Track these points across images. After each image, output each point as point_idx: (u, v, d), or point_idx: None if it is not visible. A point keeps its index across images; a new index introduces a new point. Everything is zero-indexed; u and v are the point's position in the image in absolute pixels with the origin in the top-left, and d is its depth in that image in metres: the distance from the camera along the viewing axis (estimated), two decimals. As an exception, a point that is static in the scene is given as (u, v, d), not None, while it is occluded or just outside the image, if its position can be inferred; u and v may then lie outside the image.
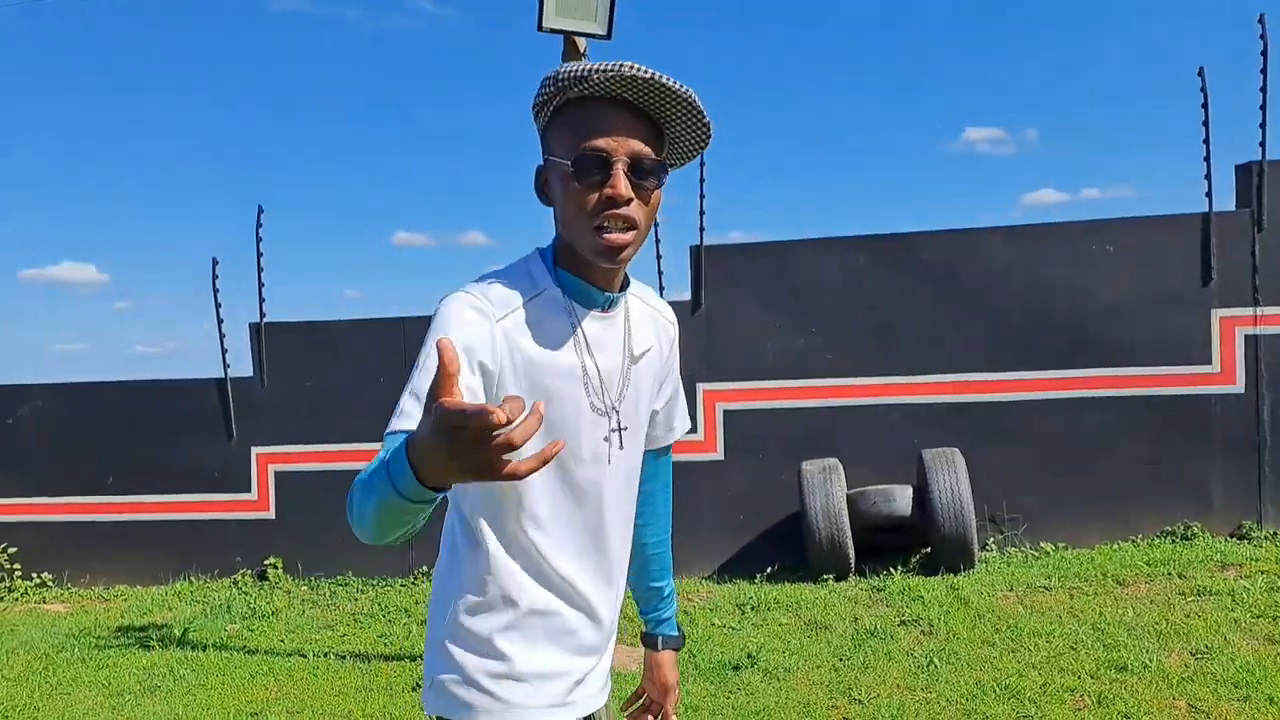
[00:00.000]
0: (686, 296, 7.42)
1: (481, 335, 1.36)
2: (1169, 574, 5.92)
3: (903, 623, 5.50)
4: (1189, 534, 6.69)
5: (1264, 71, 6.74)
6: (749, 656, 5.02)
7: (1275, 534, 6.61)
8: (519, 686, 1.48)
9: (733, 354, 7.31)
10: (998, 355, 6.98)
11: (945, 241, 7.15)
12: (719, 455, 7.31)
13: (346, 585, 7.56)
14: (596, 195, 1.36)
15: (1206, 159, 6.82)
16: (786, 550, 7.11)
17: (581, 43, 5.23)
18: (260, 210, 7.84)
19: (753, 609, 6.08)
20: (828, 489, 6.49)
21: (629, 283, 1.55)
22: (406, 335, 7.67)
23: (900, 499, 6.59)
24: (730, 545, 7.28)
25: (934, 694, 4.39)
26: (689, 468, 7.30)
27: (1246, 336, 6.74)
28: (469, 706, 1.48)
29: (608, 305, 1.50)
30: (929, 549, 6.59)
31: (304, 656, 5.77)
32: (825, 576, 6.55)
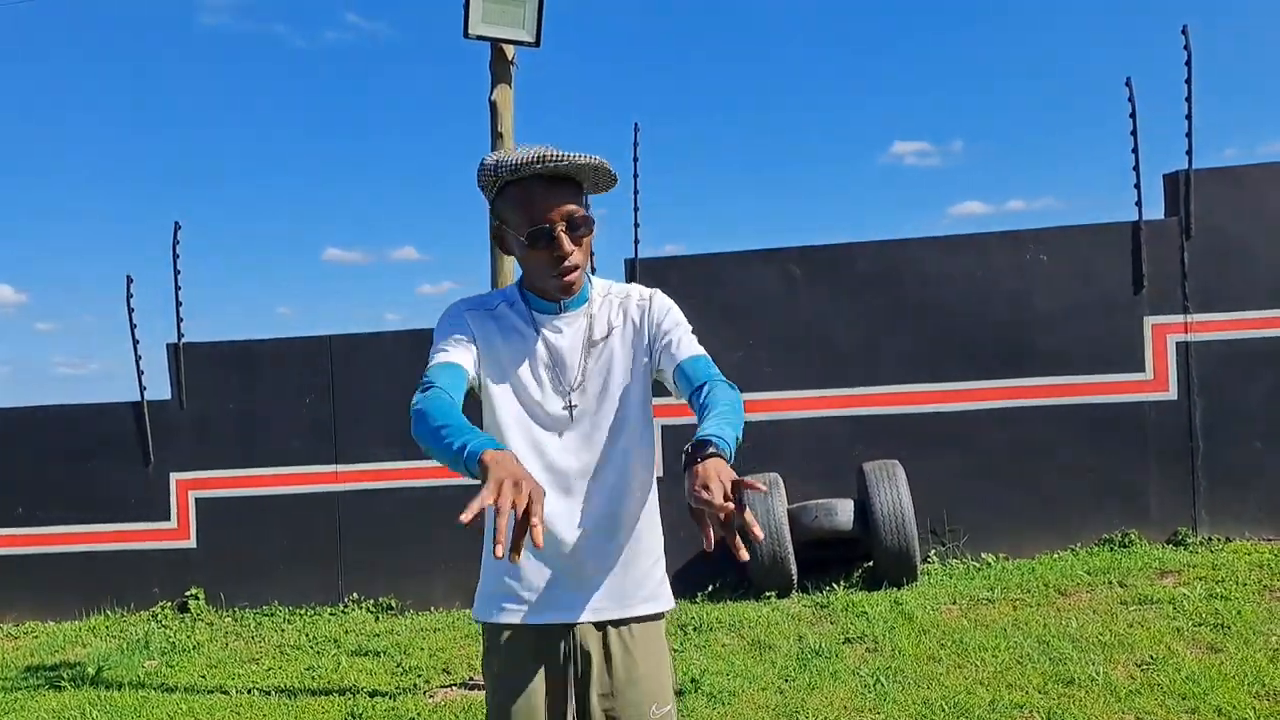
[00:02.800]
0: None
1: (460, 323, 1.94)
2: (1109, 583, 5.91)
3: (847, 640, 5.40)
4: (1127, 541, 6.71)
5: (1188, 82, 6.83)
6: (693, 681, 4.86)
7: (1210, 540, 6.66)
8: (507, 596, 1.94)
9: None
10: (936, 365, 6.96)
11: (882, 252, 7.11)
12: (658, 472, 7.13)
13: (273, 615, 7.24)
14: (548, 255, 1.83)
15: (1136, 168, 6.88)
16: (727, 568, 6.98)
17: (510, 50, 5.08)
18: (177, 226, 7.53)
19: (695, 630, 5.94)
20: (768, 504, 6.38)
21: (585, 292, 1.98)
22: (333, 353, 7.41)
23: (842, 512, 6.51)
24: (671, 564, 7.09)
25: (882, 714, 4.28)
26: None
27: (1178, 344, 6.80)
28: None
29: (561, 310, 1.95)
30: (871, 562, 6.52)
31: (226, 693, 5.48)
32: (767, 594, 6.43)
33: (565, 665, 1.93)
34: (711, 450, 1.61)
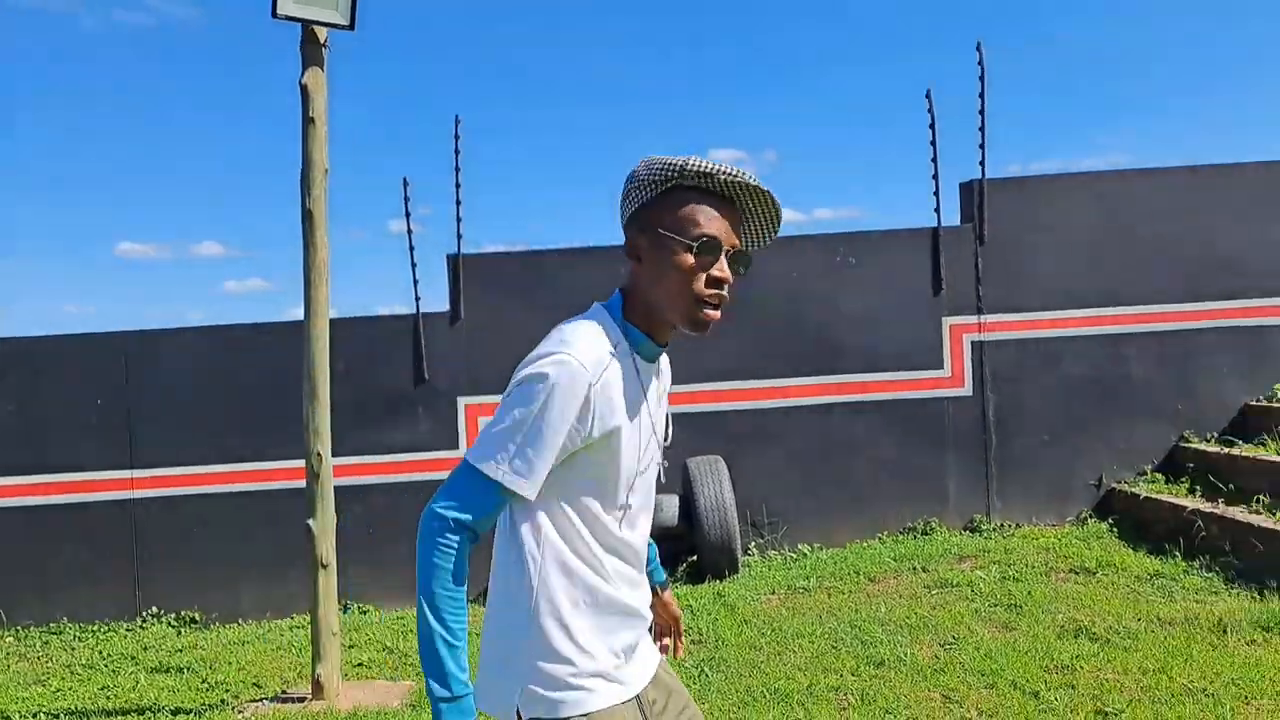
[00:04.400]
0: (444, 308, 7.13)
1: (572, 410, 1.56)
2: (913, 569, 6.25)
3: (672, 633, 5.47)
4: (928, 529, 7.11)
5: (982, 95, 7.31)
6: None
7: (1003, 525, 7.15)
8: (616, 668, 1.70)
9: (495, 367, 7.08)
10: (757, 363, 7.16)
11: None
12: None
13: (61, 634, 6.70)
14: (706, 275, 1.61)
15: (935, 176, 7.30)
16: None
17: (322, 32, 4.88)
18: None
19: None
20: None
21: None
22: (127, 351, 6.93)
23: (668, 508, 6.60)
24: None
25: (706, 704, 4.36)
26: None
27: (972, 343, 7.26)
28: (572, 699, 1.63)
29: (653, 359, 1.73)
30: (696, 556, 6.64)
31: (8, 719, 5.02)
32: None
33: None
34: (666, 582, 2.14)
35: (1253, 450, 6.47)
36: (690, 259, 1.60)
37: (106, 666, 5.89)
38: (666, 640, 2.14)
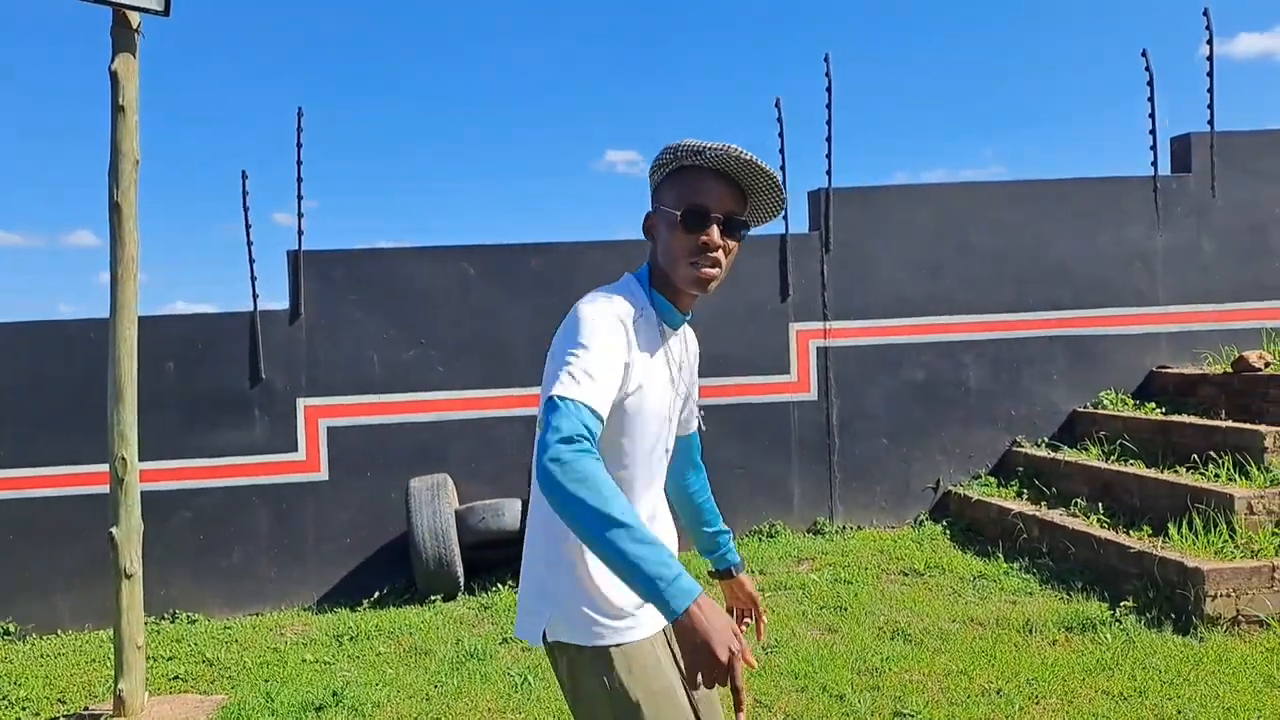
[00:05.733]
0: (284, 305, 6.89)
1: (620, 338, 1.72)
2: (752, 571, 6.31)
3: (505, 640, 5.40)
4: (773, 532, 7.21)
5: (829, 106, 7.45)
6: (334, 694, 4.67)
7: (844, 528, 7.29)
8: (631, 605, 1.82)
9: (336, 367, 6.90)
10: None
11: (555, 254, 7.20)
12: (322, 475, 6.85)
13: None
14: (695, 240, 1.79)
15: (782, 183, 7.39)
16: (395, 573, 6.81)
17: (135, 17, 4.64)
18: None
19: (350, 639, 5.72)
20: (435, 506, 6.28)
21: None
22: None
23: (509, 513, 6.52)
24: (335, 572, 6.85)
25: (524, 714, 4.31)
26: (289, 489, 6.79)
27: (818, 348, 7.40)
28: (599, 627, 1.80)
29: (677, 326, 1.94)
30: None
31: None
32: (433, 598, 6.33)
33: (673, 651, 1.92)
34: (742, 565, 2.36)
35: (1075, 455, 6.75)
36: (679, 227, 1.80)
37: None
38: (748, 620, 2.31)
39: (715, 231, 1.80)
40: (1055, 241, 7.57)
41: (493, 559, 6.67)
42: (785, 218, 7.40)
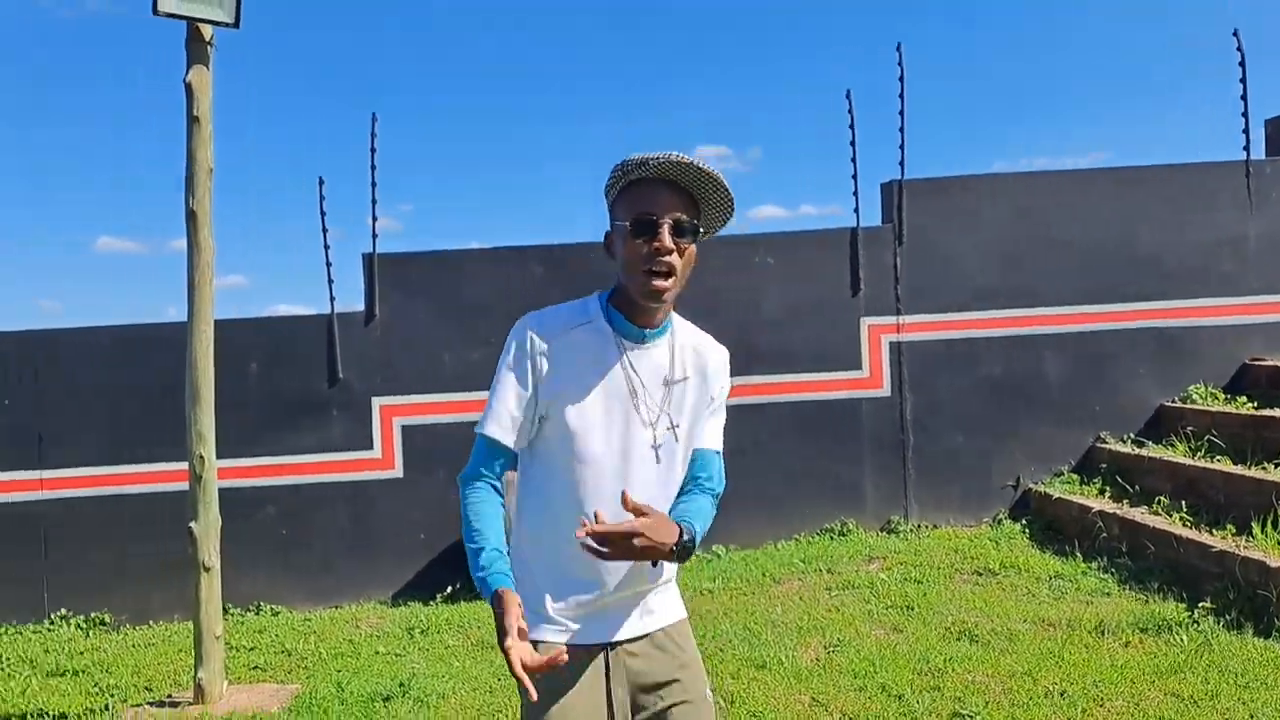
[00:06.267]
0: (359, 307, 7.08)
1: (522, 359, 1.88)
2: (820, 570, 6.24)
3: (568, 636, 5.44)
4: (845, 530, 7.11)
5: (902, 96, 7.31)
6: (401, 685, 4.78)
7: (919, 527, 7.15)
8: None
9: (409, 366, 7.05)
10: (670, 364, 7.13)
11: (620, 252, 7.23)
12: (397, 472, 7.01)
13: (-36, 636, 6.61)
14: (646, 250, 1.80)
15: (854, 177, 7.30)
16: (467, 569, 6.91)
17: (208, 30, 4.81)
18: None
19: (421, 632, 5.85)
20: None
21: (668, 325, 1.96)
22: (35, 351, 6.86)
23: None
24: (410, 566, 7.00)
25: (582, 709, 4.34)
26: (365, 487, 6.97)
27: (891, 343, 7.27)
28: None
29: (643, 340, 1.91)
30: (605, 558, 6.61)
31: (-114, 727, 4.95)
32: (501, 593, 6.41)
33: (608, 678, 1.92)
34: (684, 535, 1.81)
35: (1159, 451, 6.49)
36: (630, 238, 1.81)
37: (2, 670, 5.82)
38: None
39: (666, 235, 1.80)
40: (1141, 230, 7.29)
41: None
42: (856, 210, 7.30)
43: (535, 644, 1.86)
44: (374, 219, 7.10)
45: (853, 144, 7.35)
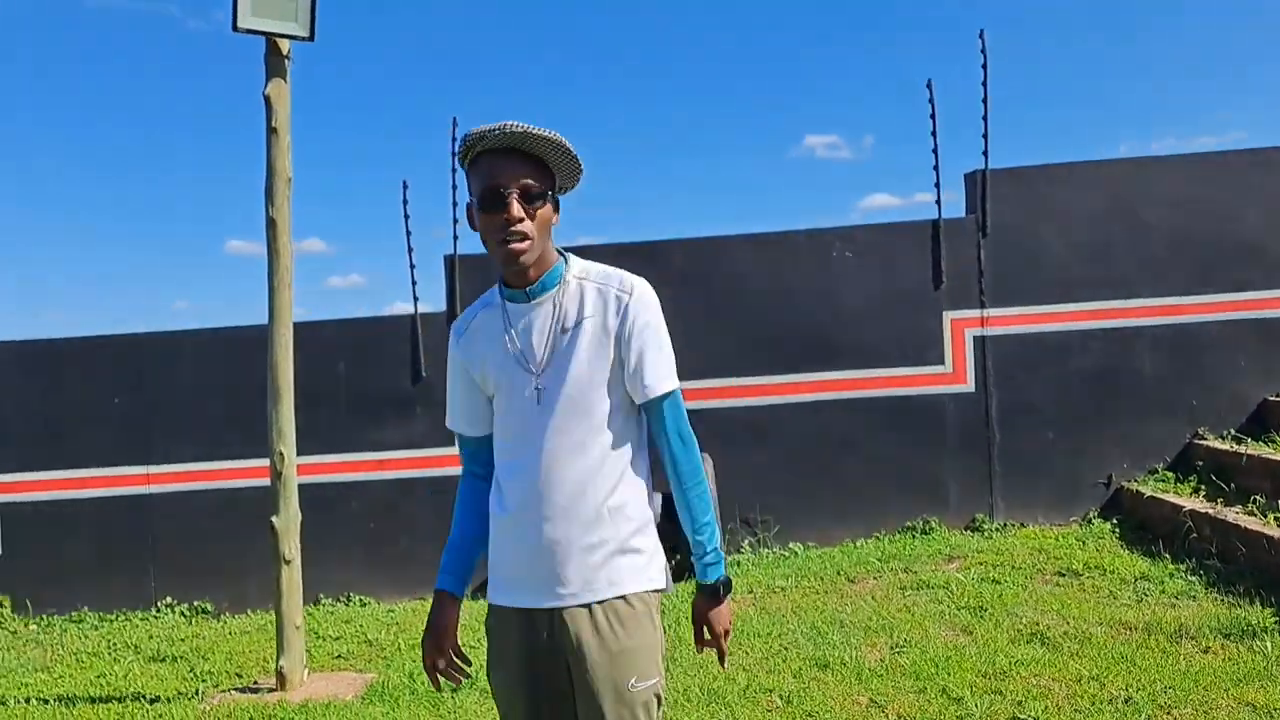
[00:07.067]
0: (442, 308, 7.27)
1: (453, 366, 2.12)
2: (896, 569, 6.14)
3: (638, 631, 5.49)
4: (927, 529, 6.97)
5: (984, 84, 7.11)
6: (469, 677, 4.89)
7: (1005, 525, 6.97)
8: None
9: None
10: (746, 360, 7.12)
11: (696, 249, 7.25)
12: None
13: (80, 622, 7.05)
14: (499, 220, 1.88)
15: (936, 168, 7.14)
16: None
17: (285, 44, 5.02)
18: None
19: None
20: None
21: (555, 276, 1.99)
22: (145, 352, 7.25)
23: (652, 506, 6.59)
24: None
25: (642, 704, 4.38)
26: (450, 482, 7.13)
27: (975, 337, 7.09)
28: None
29: (527, 298, 1.98)
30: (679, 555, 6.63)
31: (4, 704, 5.31)
32: (577, 587, 6.51)
33: (549, 646, 1.99)
34: (707, 587, 2.09)
35: (1258, 448, 6.18)
36: (481, 213, 1.91)
37: (109, 654, 6.18)
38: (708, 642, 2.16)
39: (514, 205, 1.88)
40: (1243, 216, 6.94)
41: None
42: (938, 202, 7.14)
43: (491, 608, 2.09)
44: (455, 220, 7.28)
45: (933, 134, 7.18)
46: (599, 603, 1.97)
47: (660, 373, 2.00)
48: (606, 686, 1.94)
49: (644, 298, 2.00)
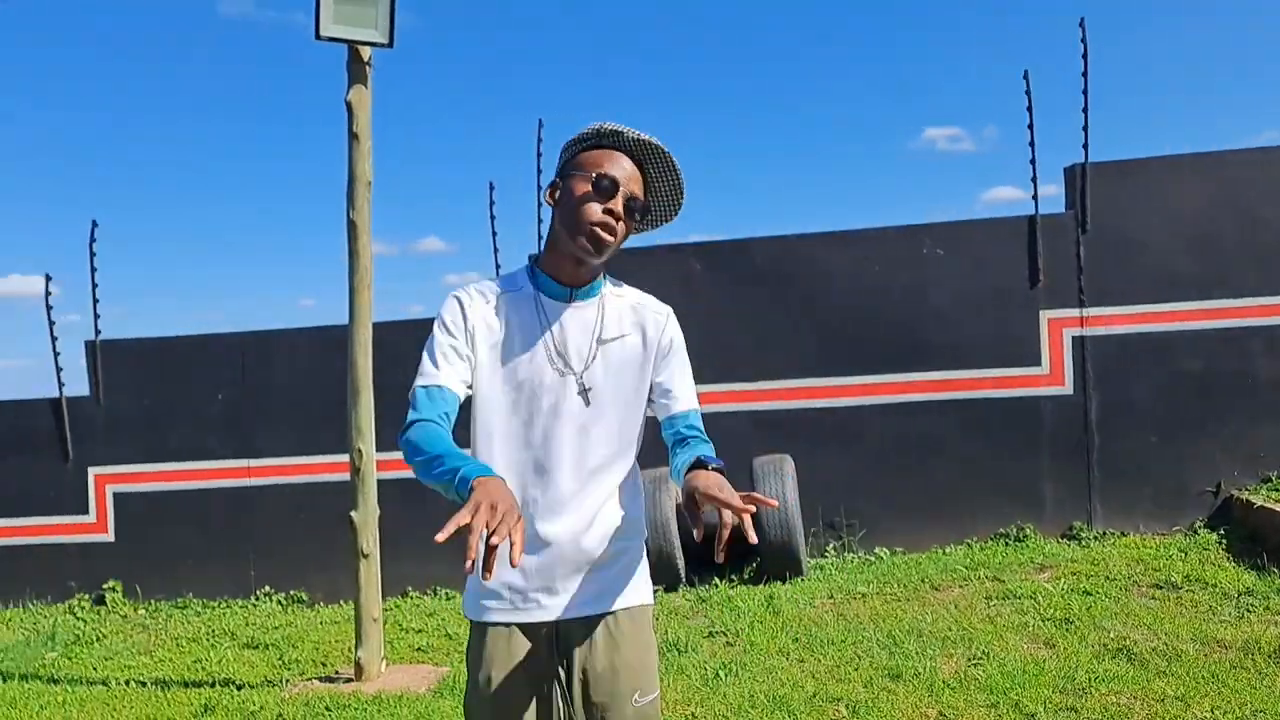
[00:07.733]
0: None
1: (457, 318, 1.92)
2: (984, 578, 5.94)
3: (711, 634, 5.45)
4: (1021, 535, 6.73)
5: (1085, 75, 6.81)
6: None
7: (1104, 533, 6.67)
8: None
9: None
10: (830, 359, 6.98)
11: (777, 247, 7.14)
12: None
13: (185, 609, 7.38)
14: (601, 205, 1.86)
15: (1032, 162, 6.87)
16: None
17: (366, 51, 5.13)
18: (94, 225, 7.64)
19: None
20: (657, 499, 6.44)
21: (597, 287, 1.99)
22: (246, 349, 7.53)
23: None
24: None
25: (706, 707, 4.34)
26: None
27: (1073, 338, 6.80)
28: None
29: (570, 298, 1.96)
30: (760, 558, 6.56)
31: (106, 685, 5.59)
32: (655, 588, 6.48)
33: (549, 660, 1.95)
34: (714, 466, 1.86)
35: (1384, 458, 5.75)
36: (588, 187, 1.87)
37: (207, 640, 6.45)
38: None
39: (620, 203, 1.88)
40: (1370, 208, 6.47)
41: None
42: (1035, 197, 6.87)
43: (484, 626, 1.95)
44: (540, 220, 7.35)
45: (1030, 126, 6.93)
46: (609, 614, 1.95)
47: (691, 388, 2.10)
48: (616, 700, 1.92)
49: (675, 322, 2.09)
